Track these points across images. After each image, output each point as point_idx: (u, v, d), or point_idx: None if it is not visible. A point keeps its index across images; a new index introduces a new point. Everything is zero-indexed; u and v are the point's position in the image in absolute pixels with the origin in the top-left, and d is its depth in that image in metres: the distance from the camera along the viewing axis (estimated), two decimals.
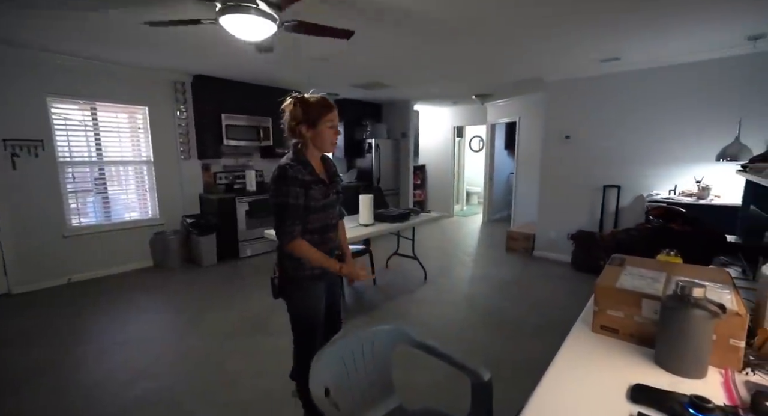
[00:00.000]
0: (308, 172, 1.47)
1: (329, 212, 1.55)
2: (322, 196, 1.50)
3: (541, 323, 2.91)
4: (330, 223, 1.57)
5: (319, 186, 1.49)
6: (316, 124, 1.46)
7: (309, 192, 1.45)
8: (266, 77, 4.58)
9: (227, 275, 4.05)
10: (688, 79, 3.55)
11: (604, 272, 1.33)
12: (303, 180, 1.43)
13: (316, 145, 1.50)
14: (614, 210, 4.09)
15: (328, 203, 1.53)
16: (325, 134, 1.48)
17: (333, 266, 1.50)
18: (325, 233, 1.55)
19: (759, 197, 2.24)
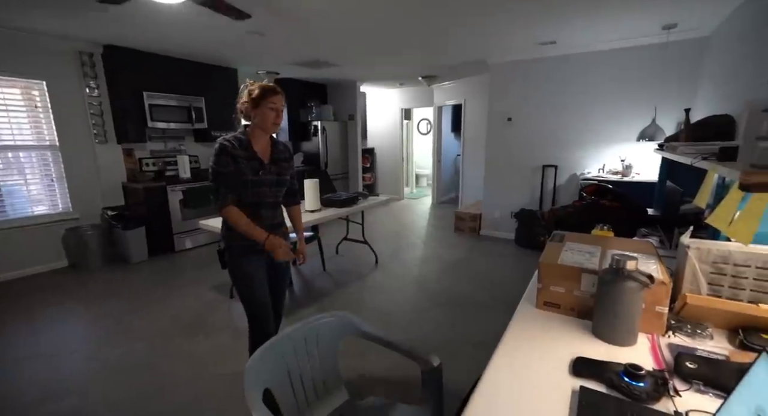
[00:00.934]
0: (242, 147, 1.55)
1: (262, 190, 1.61)
2: (252, 172, 1.56)
3: (489, 301, 3.03)
4: (264, 201, 1.63)
5: (251, 162, 1.56)
6: (259, 104, 1.55)
7: (238, 165, 1.53)
8: (197, 52, 4.13)
9: (161, 271, 3.70)
10: (613, 65, 3.79)
11: (547, 250, 1.35)
12: (232, 153, 1.52)
13: (259, 125, 1.57)
14: (552, 189, 4.34)
15: (260, 181, 1.59)
16: (266, 114, 1.55)
17: (259, 236, 1.55)
18: (258, 210, 1.62)
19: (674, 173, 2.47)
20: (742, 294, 1.08)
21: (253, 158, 1.57)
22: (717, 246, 1.10)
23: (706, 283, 1.12)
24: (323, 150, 6.08)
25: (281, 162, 1.67)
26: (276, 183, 1.65)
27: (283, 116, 1.62)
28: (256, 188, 1.58)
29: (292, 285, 3.30)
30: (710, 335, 1.03)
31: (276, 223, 1.70)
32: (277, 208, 1.72)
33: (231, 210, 1.54)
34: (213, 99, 4.63)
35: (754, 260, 1.05)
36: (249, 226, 1.55)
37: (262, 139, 1.61)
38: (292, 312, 2.82)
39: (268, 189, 1.62)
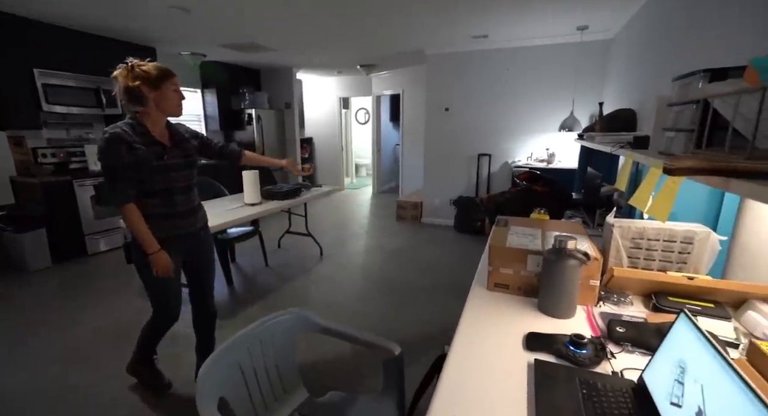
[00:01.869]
0: (137, 134, 1.45)
1: (171, 175, 1.55)
2: (156, 157, 1.49)
3: (431, 285, 3.15)
4: (175, 186, 1.58)
5: (152, 147, 1.48)
6: (160, 86, 1.46)
7: (138, 153, 1.44)
8: (108, 26, 3.60)
9: (72, 279, 3.22)
10: (538, 60, 4.11)
11: (494, 234, 1.43)
12: (129, 142, 1.42)
13: (161, 108, 1.50)
14: (487, 176, 4.62)
15: (166, 166, 1.53)
16: (169, 97, 1.49)
17: (149, 246, 1.51)
18: (171, 196, 1.57)
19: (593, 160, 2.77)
20: (653, 264, 1.25)
21: (154, 143, 1.49)
22: (635, 224, 1.26)
23: (627, 256, 1.28)
24: (259, 140, 5.75)
25: (184, 143, 1.62)
26: (185, 166, 1.61)
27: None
28: (164, 173, 1.53)
29: (233, 284, 3.10)
30: (631, 302, 1.19)
31: (191, 208, 1.66)
32: (192, 191, 1.67)
33: (130, 209, 1.47)
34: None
35: (662, 235, 1.22)
36: (143, 231, 1.50)
37: (159, 123, 1.53)
38: (236, 312, 2.66)
39: (177, 173, 1.57)
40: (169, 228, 1.59)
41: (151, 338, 1.82)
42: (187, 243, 1.67)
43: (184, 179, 1.61)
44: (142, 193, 1.51)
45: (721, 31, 1.60)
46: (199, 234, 1.73)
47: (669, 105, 1.12)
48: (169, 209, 1.57)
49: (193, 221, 1.68)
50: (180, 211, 1.61)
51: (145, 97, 1.44)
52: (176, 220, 1.61)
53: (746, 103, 0.71)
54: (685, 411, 0.63)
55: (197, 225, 1.71)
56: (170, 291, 1.67)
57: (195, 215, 1.69)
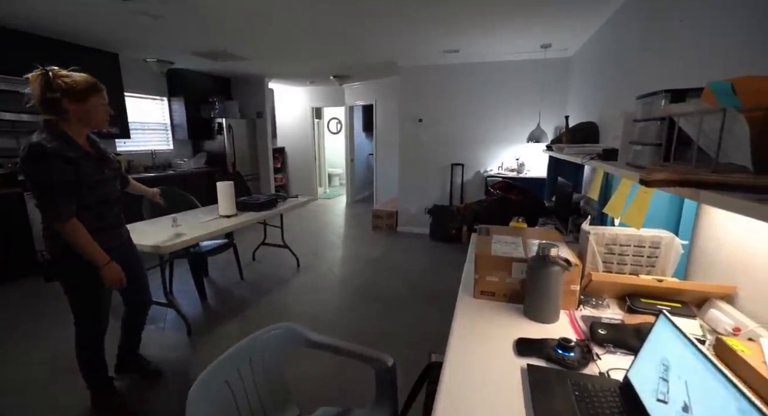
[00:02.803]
0: (72, 148, 1.43)
1: (106, 187, 1.56)
2: (95, 171, 1.49)
3: (409, 293, 3.17)
4: (109, 198, 1.58)
5: (89, 161, 1.48)
6: (85, 100, 1.43)
7: (79, 168, 1.42)
8: (64, 30, 3.41)
9: (18, 300, 2.95)
10: (507, 75, 4.31)
11: (478, 243, 1.48)
12: (67, 156, 1.38)
13: (83, 121, 1.46)
14: (460, 185, 4.74)
15: (103, 179, 1.54)
16: (98, 111, 1.47)
17: (101, 258, 1.48)
18: (103, 209, 1.56)
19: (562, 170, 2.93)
20: (625, 268, 1.34)
21: (88, 156, 1.48)
22: (608, 231, 1.34)
23: (602, 261, 1.36)
24: (230, 150, 5.60)
25: (107, 155, 1.62)
26: (114, 178, 1.63)
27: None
28: (101, 187, 1.53)
29: (207, 300, 2.98)
30: (608, 304, 1.26)
31: (118, 221, 1.68)
32: (118, 205, 1.67)
33: (75, 225, 1.42)
34: None
35: (633, 241, 1.31)
36: (92, 245, 1.46)
37: (82, 134, 1.50)
38: (212, 328, 2.54)
39: (110, 186, 1.59)
40: (103, 241, 1.53)
41: (90, 357, 1.73)
42: (119, 255, 1.62)
43: (116, 191, 1.64)
44: (79, 206, 1.46)
45: (674, 52, 1.76)
46: (127, 246, 1.77)
47: (635, 121, 1.22)
48: (102, 222, 1.56)
49: (119, 234, 1.70)
50: (111, 223, 1.62)
51: (65, 109, 1.39)
52: (108, 232, 1.60)
53: (708, 122, 0.79)
54: (671, 406, 0.68)
55: (124, 237, 1.75)
56: (105, 302, 1.65)
57: (120, 228, 1.71)
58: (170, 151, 5.45)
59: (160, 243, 2.08)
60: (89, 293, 1.57)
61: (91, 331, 1.67)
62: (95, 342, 1.71)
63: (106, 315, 1.69)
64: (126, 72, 4.37)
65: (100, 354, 1.75)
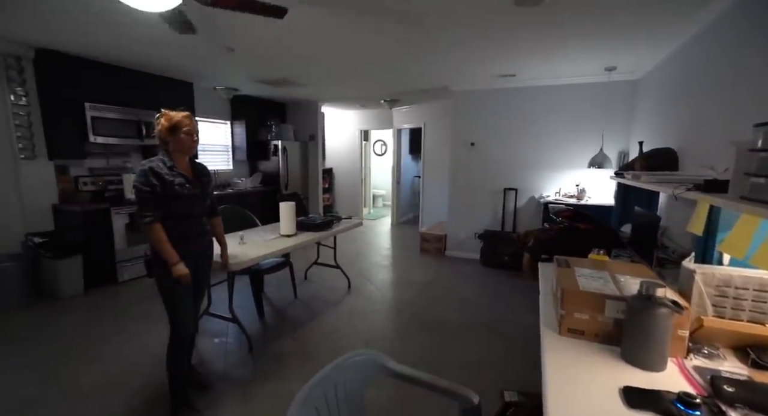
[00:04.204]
0: (167, 167, 1.77)
1: (190, 203, 1.84)
2: (182, 189, 1.78)
3: (466, 321, 3.05)
4: (193, 213, 1.87)
5: (178, 179, 1.78)
6: (174, 132, 1.77)
7: (166, 183, 1.74)
8: (151, 63, 3.81)
9: (101, 306, 3.21)
10: (567, 98, 4.19)
11: (560, 276, 1.40)
12: (159, 173, 1.73)
13: (177, 149, 1.80)
14: (513, 210, 4.60)
15: (187, 195, 1.81)
16: (182, 140, 1.78)
17: (171, 258, 1.74)
18: (186, 221, 1.84)
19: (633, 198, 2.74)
20: (743, 315, 1.19)
21: (179, 175, 1.80)
22: (719, 271, 1.21)
23: (711, 305, 1.22)
24: (284, 170, 5.86)
25: (202, 178, 1.92)
26: (201, 196, 1.89)
27: (197, 139, 1.85)
28: (185, 201, 1.81)
29: (264, 317, 3.05)
30: (722, 355, 1.12)
31: (203, 231, 1.95)
32: (203, 218, 1.96)
33: (155, 228, 1.72)
34: None
35: (751, 284, 1.17)
36: (166, 246, 1.73)
37: (182, 160, 1.84)
38: (271, 346, 2.59)
39: (194, 202, 1.86)
40: (184, 247, 1.81)
41: (174, 360, 1.89)
42: (196, 261, 1.90)
43: (200, 207, 1.91)
44: (165, 216, 1.76)
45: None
46: (207, 254, 2.02)
47: (752, 150, 1.12)
48: (185, 231, 1.83)
49: (203, 242, 1.96)
50: (194, 233, 1.88)
51: (166, 141, 1.78)
52: (190, 241, 1.86)
53: None
54: None
55: (206, 246, 1.99)
56: (184, 302, 1.85)
57: (204, 237, 1.97)
58: (230, 171, 5.81)
59: (232, 260, 2.17)
60: (167, 288, 1.81)
61: (174, 331, 1.86)
62: (176, 343, 1.86)
63: (186, 319, 1.86)
64: (198, 99, 4.77)
65: (182, 359, 1.89)
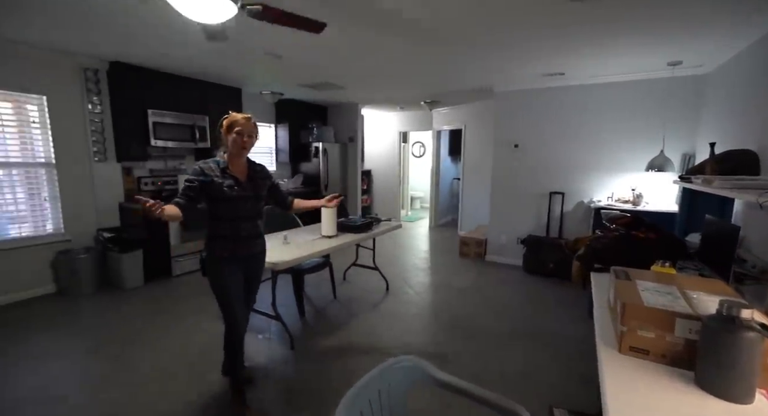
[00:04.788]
0: (221, 168, 1.82)
1: (239, 204, 1.84)
2: (228, 189, 1.80)
3: (508, 330, 2.93)
4: (241, 215, 1.87)
5: (227, 181, 1.81)
6: (229, 132, 1.82)
7: (214, 184, 1.78)
8: (204, 70, 4.04)
9: (158, 299, 3.44)
10: (621, 96, 3.92)
11: (619, 288, 1.29)
12: (208, 174, 1.79)
13: (230, 148, 1.83)
14: (559, 215, 4.37)
15: (235, 197, 1.82)
16: (234, 140, 1.81)
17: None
18: (234, 222, 1.86)
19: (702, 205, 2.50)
20: None
21: (229, 178, 1.81)
22: None
23: None
24: (324, 172, 5.99)
25: (257, 180, 1.92)
26: (252, 199, 1.89)
27: (251, 139, 1.84)
28: (233, 203, 1.82)
29: (305, 316, 3.12)
30: None
31: (254, 234, 1.94)
32: (255, 221, 1.94)
33: (171, 204, 1.71)
34: (217, 118, 4.47)
35: None
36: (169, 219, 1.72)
37: (238, 161, 1.87)
38: (311, 344, 2.64)
39: (244, 204, 1.86)
40: (233, 249, 1.86)
41: (229, 353, 2.00)
42: (247, 263, 1.94)
43: (250, 210, 1.90)
44: (213, 217, 1.84)
45: None
46: (258, 257, 2.02)
47: None
48: (234, 233, 1.85)
49: (254, 245, 1.95)
50: (243, 235, 1.88)
51: (223, 141, 1.85)
52: (239, 243, 1.88)
53: None
54: None
55: (257, 249, 1.99)
56: (234, 304, 1.89)
57: (256, 240, 1.97)
58: (273, 172, 6.03)
59: (278, 259, 2.24)
60: (219, 287, 1.87)
61: (227, 324, 1.93)
62: (229, 336, 1.95)
63: (237, 318, 1.91)
64: (246, 103, 4.99)
65: (235, 357, 1.97)
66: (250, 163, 1.94)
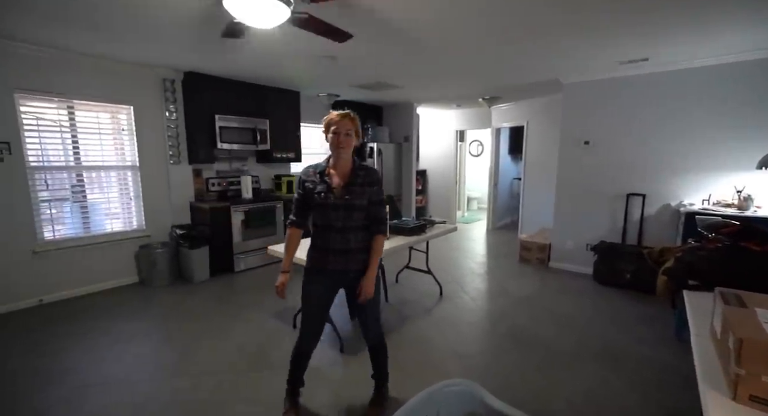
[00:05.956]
0: (317, 172, 1.71)
1: (328, 213, 1.67)
2: (318, 196, 1.67)
3: (575, 347, 2.64)
4: (331, 225, 1.69)
5: (318, 186, 1.68)
6: (326, 133, 1.70)
7: (307, 190, 1.71)
8: (263, 75, 4.22)
9: (221, 293, 3.66)
10: (721, 82, 3.33)
11: (730, 318, 1.04)
12: (304, 180, 1.73)
13: (330, 149, 1.71)
14: (639, 220, 3.87)
15: (324, 205, 1.66)
16: (331, 140, 1.68)
17: (283, 264, 1.78)
18: (326, 232, 1.70)
19: None
20: None
21: (323, 183, 1.67)
22: None
23: None
24: (379, 172, 5.97)
25: (355, 187, 1.68)
26: (344, 207, 1.66)
27: (348, 138, 1.67)
28: (322, 211, 1.68)
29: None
30: None
31: (346, 249, 1.70)
32: (348, 233, 1.70)
33: (289, 231, 1.78)
34: (276, 121, 4.71)
35: None
36: (288, 252, 1.78)
37: (338, 162, 1.70)
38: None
39: (334, 213, 1.67)
40: (321, 261, 1.72)
41: (292, 360, 1.91)
42: (340, 279, 1.77)
43: (341, 219, 1.68)
44: (312, 223, 1.75)
45: None
46: (354, 275, 1.74)
47: None
48: (324, 243, 1.71)
49: (343, 261, 1.71)
50: (332, 248, 1.70)
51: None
52: (329, 256, 1.71)
53: None
54: None
55: (348, 266, 1.73)
56: (308, 317, 1.81)
57: (347, 256, 1.71)
58: None
59: None
60: (302, 296, 1.80)
61: (298, 341, 1.85)
62: (296, 346, 1.87)
63: (307, 332, 1.82)
64: (303, 106, 5.14)
65: (294, 363, 1.89)
66: (356, 166, 1.73)
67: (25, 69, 3.09)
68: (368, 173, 1.74)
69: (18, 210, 3.17)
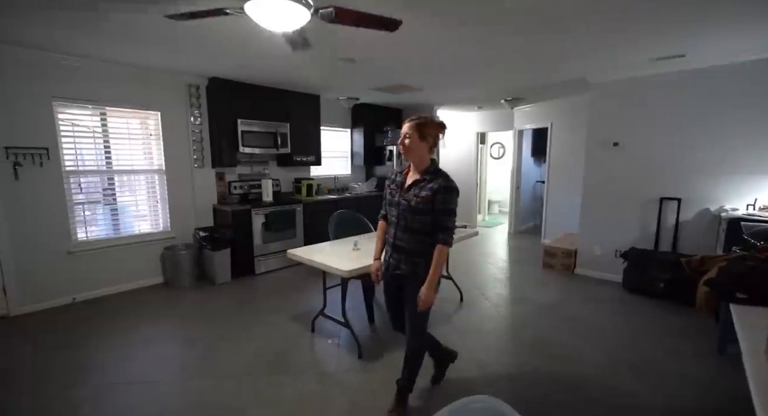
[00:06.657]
0: (398, 171, 1.89)
1: (391, 210, 1.87)
2: (390, 195, 1.88)
3: (607, 359, 2.50)
4: (392, 221, 1.87)
5: (393, 184, 1.88)
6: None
7: (385, 186, 1.95)
8: (283, 79, 4.27)
9: (242, 295, 3.70)
10: (757, 79, 3.11)
11: None
12: (387, 182, 1.94)
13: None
14: (674, 226, 3.66)
15: (389, 202, 1.89)
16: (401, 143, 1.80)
17: (375, 255, 2.00)
18: (390, 228, 1.89)
19: None
20: None
21: (397, 182, 1.86)
22: None
23: None
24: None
25: (418, 190, 1.75)
26: (404, 208, 1.77)
27: (408, 142, 1.75)
28: (388, 207, 1.90)
29: (374, 323, 3.06)
30: None
31: (401, 247, 1.81)
32: (407, 233, 1.78)
33: (379, 226, 1.99)
34: (297, 125, 4.76)
35: None
36: (377, 241, 1.99)
37: (414, 164, 1.81)
38: (379, 354, 2.56)
39: (395, 210, 1.82)
40: (387, 258, 1.91)
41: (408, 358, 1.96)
42: (394, 280, 1.89)
43: (401, 218, 1.80)
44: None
45: None
46: (402, 278, 1.83)
47: None
48: (389, 238, 1.89)
49: (397, 259, 1.83)
50: (396, 245, 1.83)
51: None
52: (388, 251, 1.90)
53: None
54: None
55: (400, 266, 1.82)
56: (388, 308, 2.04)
57: (400, 255, 1.82)
58: (348, 176, 6.16)
59: (346, 267, 2.21)
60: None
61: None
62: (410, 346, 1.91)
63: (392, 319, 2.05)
64: (323, 109, 5.17)
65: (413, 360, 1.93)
66: (428, 170, 1.75)
67: (62, 78, 3.24)
68: (434, 178, 1.73)
69: (54, 212, 3.31)
